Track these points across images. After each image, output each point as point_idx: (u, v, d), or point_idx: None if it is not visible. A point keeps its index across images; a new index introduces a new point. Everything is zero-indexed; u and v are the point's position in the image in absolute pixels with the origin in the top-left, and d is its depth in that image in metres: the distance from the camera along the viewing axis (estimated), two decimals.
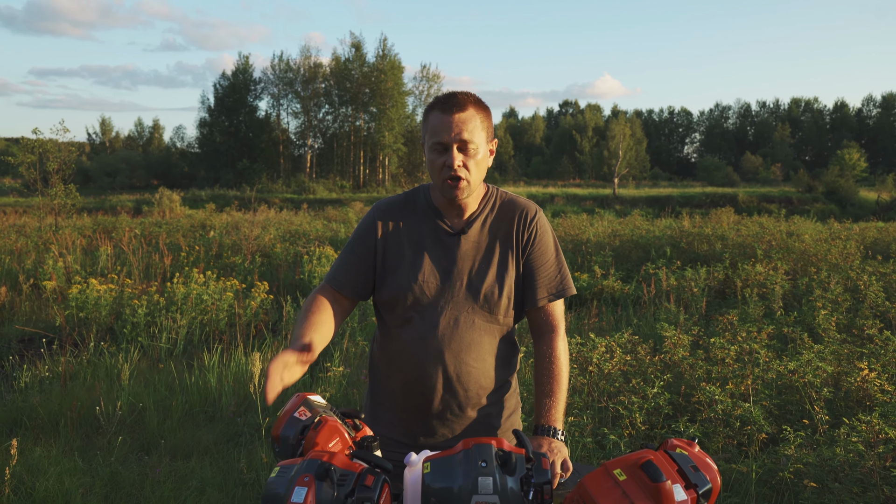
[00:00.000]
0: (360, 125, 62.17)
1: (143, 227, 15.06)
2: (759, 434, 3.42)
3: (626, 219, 17.85)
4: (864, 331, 5.32)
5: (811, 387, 3.88)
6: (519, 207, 1.91)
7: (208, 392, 4.89)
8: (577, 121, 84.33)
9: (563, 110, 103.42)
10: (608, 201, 41.70)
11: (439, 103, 1.76)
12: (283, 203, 36.14)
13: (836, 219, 20.94)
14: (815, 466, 2.94)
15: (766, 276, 7.87)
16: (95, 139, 79.12)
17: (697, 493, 1.29)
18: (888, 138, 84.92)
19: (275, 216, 19.79)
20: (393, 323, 1.88)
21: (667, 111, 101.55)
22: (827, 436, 3.43)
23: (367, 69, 60.77)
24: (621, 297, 8.15)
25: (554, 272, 1.90)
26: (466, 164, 1.76)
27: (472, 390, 1.83)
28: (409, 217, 1.90)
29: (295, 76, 62.44)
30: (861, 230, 13.64)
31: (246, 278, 9.16)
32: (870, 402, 3.93)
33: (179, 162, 66.18)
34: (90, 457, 3.92)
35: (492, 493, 1.35)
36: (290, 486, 1.31)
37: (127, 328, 6.44)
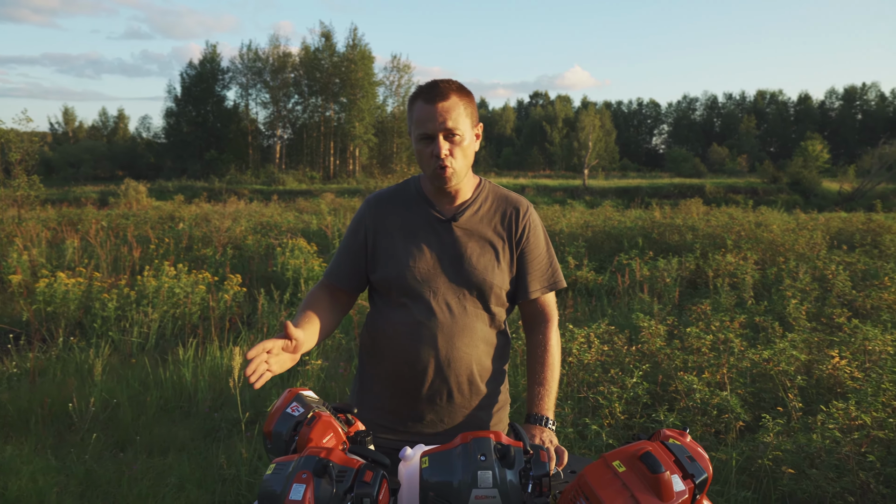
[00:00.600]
0: (331, 116, 61.68)
1: (109, 219, 14.76)
2: (737, 422, 3.48)
3: (597, 210, 17.98)
4: (834, 319, 5.43)
5: (785, 375, 3.96)
6: (511, 202, 1.95)
7: (183, 387, 4.82)
8: (547, 112, 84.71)
9: (534, 101, 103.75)
10: (578, 192, 41.96)
11: (422, 93, 1.78)
12: (253, 194, 35.71)
13: (801, 209, 21.36)
14: (792, 453, 3.00)
15: (736, 266, 8.00)
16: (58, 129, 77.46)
17: (694, 482, 1.31)
18: (849, 130, 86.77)
19: (245, 208, 19.56)
20: (385, 308, 1.90)
21: (635, 103, 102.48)
22: (801, 423, 3.50)
23: (337, 59, 60.26)
24: (595, 288, 8.22)
25: (546, 265, 1.95)
26: (453, 152, 1.78)
27: (462, 375, 1.85)
28: (401, 207, 1.92)
29: (264, 66, 61.68)
30: (826, 220, 13.93)
31: (217, 271, 9.04)
32: (840, 389, 4.02)
33: (145, 152, 65.06)
34: (63, 455, 3.85)
35: (491, 486, 1.34)
36: (287, 484, 1.29)
37: (97, 323, 6.32)
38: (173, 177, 52.47)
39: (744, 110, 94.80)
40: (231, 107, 63.35)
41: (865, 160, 45.57)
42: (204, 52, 63.39)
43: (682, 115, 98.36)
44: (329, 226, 13.20)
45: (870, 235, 11.25)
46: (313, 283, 7.94)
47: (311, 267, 8.53)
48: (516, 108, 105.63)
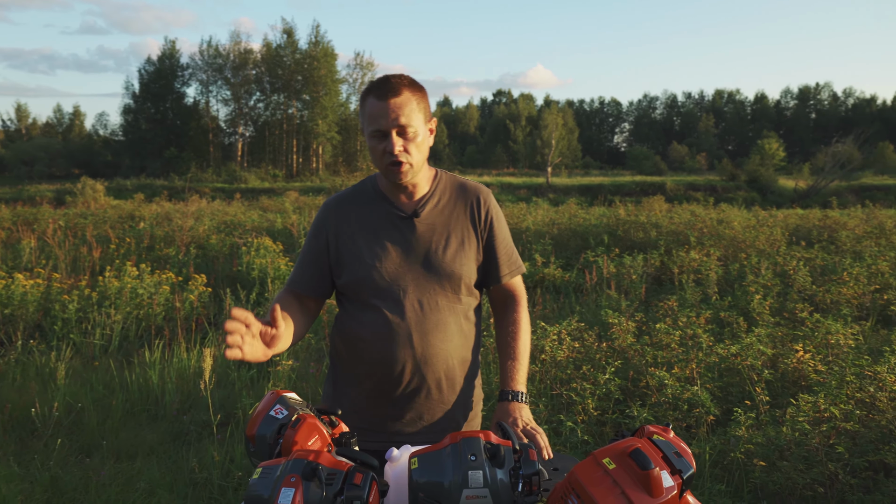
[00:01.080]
0: (293, 113, 61.05)
1: (67, 219, 14.38)
2: (707, 416, 3.54)
3: (562, 207, 18.13)
4: (796, 314, 5.56)
5: (752, 369, 4.04)
6: (471, 190, 1.95)
7: (150, 390, 4.73)
8: (510, 110, 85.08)
9: (497, 100, 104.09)
10: (542, 190, 42.25)
11: (374, 89, 1.77)
12: (215, 193, 35.18)
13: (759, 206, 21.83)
14: (762, 446, 3.06)
15: (700, 262, 8.13)
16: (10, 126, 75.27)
17: (682, 477, 1.32)
18: (804, 129, 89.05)
19: (207, 206, 19.25)
20: (356, 310, 1.88)
21: (597, 101, 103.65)
22: (769, 416, 3.57)
23: (299, 56, 59.67)
24: (563, 285, 8.28)
25: (510, 250, 1.99)
26: (407, 148, 1.77)
27: (440, 372, 1.85)
28: (360, 207, 1.91)
29: (224, 62, 60.73)
30: (784, 217, 14.25)
31: (181, 271, 8.88)
32: (805, 382, 4.12)
33: (102, 150, 63.58)
34: (27, 461, 3.74)
35: (482, 486, 1.34)
36: (275, 488, 1.27)
37: (57, 325, 6.16)
38: (132, 175, 51.36)
39: (702, 109, 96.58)
40: (191, 104, 62.28)
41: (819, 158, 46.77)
42: (162, 47, 62.25)
43: (643, 113, 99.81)
44: (295, 224, 13.07)
45: (826, 231, 11.54)
46: (280, 282, 7.85)
47: (278, 266, 8.44)
48: (480, 107, 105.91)
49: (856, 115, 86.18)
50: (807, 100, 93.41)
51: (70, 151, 62.27)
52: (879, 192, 36.55)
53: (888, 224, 11.84)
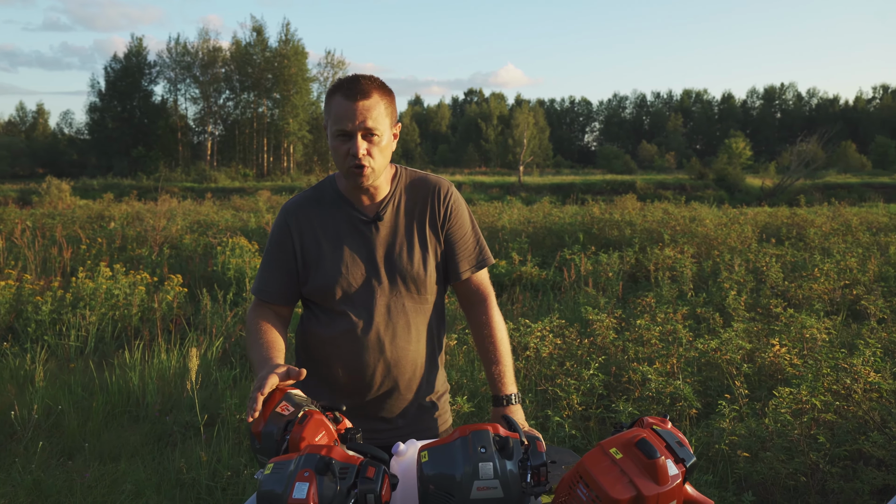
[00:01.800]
0: (264, 112, 60.50)
1: (34, 219, 14.10)
2: (690, 410, 3.61)
3: (535, 206, 18.24)
4: (771, 309, 5.68)
5: (731, 363, 4.12)
6: (432, 184, 1.92)
7: (130, 391, 4.67)
8: (481, 109, 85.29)
9: (468, 99, 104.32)
10: (514, 189, 42.42)
11: (342, 88, 1.73)
12: (184, 192, 34.72)
13: (729, 204, 22.19)
14: (745, 438, 3.14)
15: (675, 259, 8.26)
16: None
17: (685, 466, 1.37)
18: (770, 128, 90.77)
19: (179, 206, 19.01)
20: (323, 314, 1.87)
21: (568, 101, 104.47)
22: (749, 408, 3.66)
23: (269, 54, 59.15)
24: (540, 283, 8.35)
25: (473, 244, 1.95)
26: (371, 152, 1.74)
27: (409, 371, 1.86)
28: (321, 211, 1.88)
29: (193, 60, 59.95)
30: (754, 215, 14.52)
31: (155, 271, 8.78)
32: (781, 376, 4.22)
33: (68, 149, 62.39)
34: (8, 465, 3.68)
35: (493, 477, 1.37)
36: (289, 483, 1.28)
37: (31, 327, 6.05)
38: (98, 175, 50.47)
39: (671, 109, 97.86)
40: (159, 102, 61.38)
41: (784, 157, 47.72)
42: (129, 45, 61.39)
43: (613, 113, 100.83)
44: (269, 223, 12.98)
45: (794, 229, 11.79)
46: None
47: (255, 266, 8.38)
48: (451, 106, 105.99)
49: (819, 115, 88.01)
50: (772, 100, 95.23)
51: (34, 150, 61.04)
52: (843, 191, 37.37)
53: (854, 221, 12.14)
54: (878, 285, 6.97)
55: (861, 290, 6.72)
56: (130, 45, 60.50)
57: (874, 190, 38.48)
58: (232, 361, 5.38)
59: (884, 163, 63.21)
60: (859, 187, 39.93)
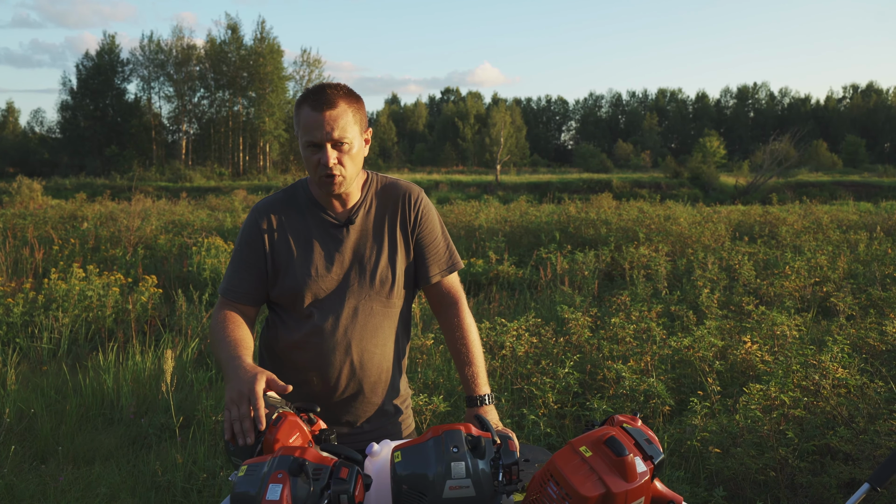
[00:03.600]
0: (239, 110, 59.99)
1: (5, 220, 13.87)
2: (664, 407, 3.66)
3: (512, 205, 18.31)
4: (743, 307, 5.77)
5: (704, 360, 4.19)
6: (402, 190, 1.95)
7: (104, 394, 4.63)
8: (458, 108, 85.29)
9: (445, 97, 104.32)
10: (491, 188, 42.53)
11: (309, 99, 1.75)
12: (159, 191, 34.30)
13: (703, 202, 22.46)
14: (717, 434, 3.19)
15: (649, 258, 8.35)
16: None
17: (654, 463, 1.40)
18: (743, 127, 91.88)
19: (153, 206, 18.79)
20: (291, 318, 1.88)
21: (544, 100, 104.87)
22: (721, 405, 3.72)
23: (244, 52, 58.64)
24: (517, 282, 8.40)
25: (443, 249, 1.98)
26: (341, 160, 1.77)
27: (374, 375, 1.89)
28: (292, 214, 1.89)
29: (167, 58, 59.23)
30: (727, 213, 14.71)
31: (129, 272, 8.68)
32: (753, 373, 4.29)
33: (39, 148, 61.21)
34: None
35: (465, 476, 1.39)
36: (262, 484, 1.29)
37: (2, 329, 5.96)
38: (70, 174, 49.71)
39: (646, 108, 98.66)
40: (132, 100, 60.55)
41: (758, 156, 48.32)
42: (101, 42, 60.42)
43: (589, 112, 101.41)
44: None
45: (767, 227, 11.97)
46: None
47: None
48: (428, 104, 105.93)
49: (791, 115, 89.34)
50: (745, 99, 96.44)
51: (4, 149, 59.79)
52: (814, 189, 37.99)
53: (825, 219, 12.36)
54: (847, 282, 7.10)
55: (831, 288, 6.85)
56: (103, 43, 59.63)
57: (845, 188, 39.19)
58: (207, 363, 5.35)
59: (854, 161, 64.43)
60: (830, 185, 40.63)
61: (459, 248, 10.50)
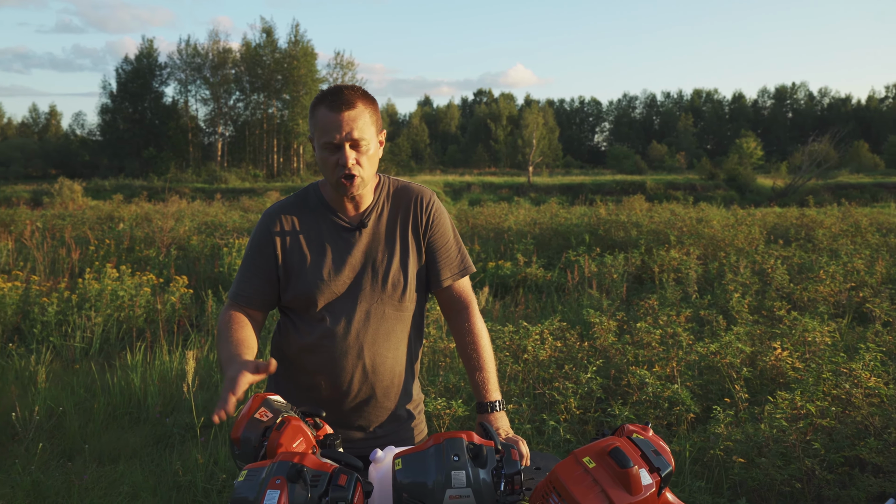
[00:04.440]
0: (273, 113, 60.68)
1: (45, 220, 14.22)
2: (688, 414, 3.59)
3: (543, 207, 18.21)
4: (774, 312, 5.64)
5: (731, 367, 4.10)
6: (414, 193, 1.94)
7: (132, 392, 4.70)
8: (491, 109, 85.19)
9: (478, 99, 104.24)
10: (523, 189, 42.39)
11: (326, 99, 1.74)
12: (195, 193, 34.89)
13: (738, 205, 22.06)
14: (741, 443, 3.11)
15: (680, 261, 8.22)
16: None
17: (660, 475, 1.36)
18: (781, 128, 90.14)
19: (187, 207, 19.10)
20: (303, 322, 1.87)
21: (577, 101, 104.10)
22: (748, 413, 3.63)
23: (279, 55, 59.31)
24: (545, 285, 8.33)
25: (455, 252, 1.97)
26: (359, 161, 1.76)
27: (387, 380, 1.87)
28: (304, 218, 1.88)
29: (203, 61, 60.20)
30: (762, 216, 14.42)
31: (162, 272, 8.82)
32: (783, 380, 4.18)
33: (80, 150, 62.70)
34: (8, 466, 3.70)
35: (465, 486, 1.37)
36: (261, 490, 1.29)
37: (37, 328, 6.10)
38: (110, 175, 50.73)
39: (681, 108, 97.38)
40: (170, 103, 61.64)
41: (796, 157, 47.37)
42: (140, 46, 61.64)
43: (623, 113, 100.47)
44: None
45: (803, 230, 11.70)
46: None
47: None
48: (461, 106, 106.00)
49: (831, 115, 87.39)
50: (783, 99, 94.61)
51: (46, 151, 61.42)
52: (855, 191, 37.09)
53: (863, 222, 12.02)
54: (885, 287, 6.90)
55: (868, 293, 6.66)
56: (141, 47, 60.85)
57: (887, 190, 38.16)
58: None
59: None
60: (872, 187, 39.59)
61: (488, 250, 10.46)
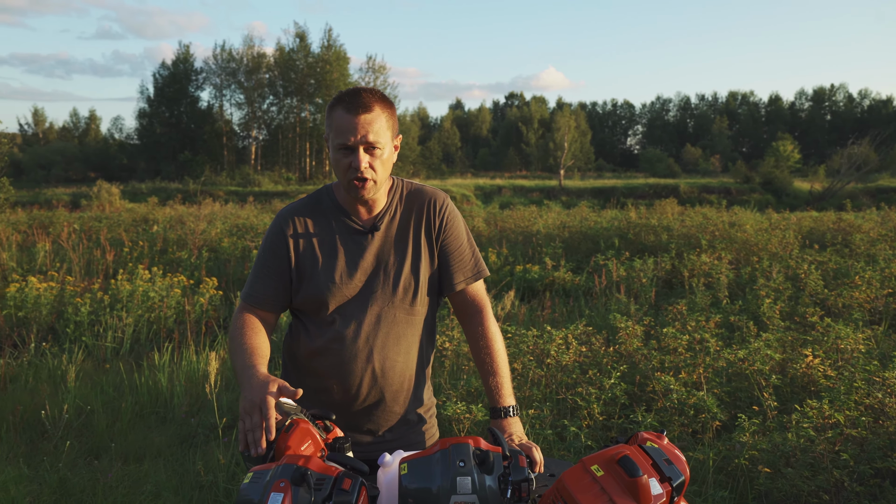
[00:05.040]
0: (306, 117, 61.25)
1: (81, 222, 14.54)
2: (713, 422, 3.52)
3: (573, 210, 18.08)
4: (807, 318, 5.51)
5: (760, 374, 4.01)
6: (427, 196, 1.92)
7: (159, 392, 4.77)
8: (522, 113, 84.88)
9: (509, 102, 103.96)
10: (555, 193, 42.20)
11: (344, 101, 1.74)
12: (228, 196, 35.38)
13: (773, 209, 21.66)
14: (768, 452, 3.04)
15: (711, 265, 8.08)
16: (28, 130, 76.00)
17: (672, 485, 1.32)
18: (819, 131, 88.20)
19: (220, 209, 19.37)
20: (313, 324, 1.86)
21: (610, 104, 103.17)
22: (776, 421, 3.54)
23: (311, 60, 59.85)
24: (572, 289, 8.26)
25: (468, 256, 1.95)
26: (373, 165, 1.75)
27: (396, 384, 1.86)
28: (317, 220, 1.88)
29: (238, 66, 61.01)
30: (798, 220, 14.13)
31: (193, 274, 8.95)
32: (814, 388, 4.08)
33: (118, 154, 63.93)
34: (36, 463, 3.78)
35: (470, 492, 1.35)
36: (265, 493, 1.28)
37: (70, 328, 6.22)
38: (147, 178, 51.70)
39: (716, 111, 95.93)
40: (205, 108, 62.56)
41: (835, 160, 46.37)
42: (177, 52, 62.52)
43: (656, 115, 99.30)
44: None
45: (840, 234, 11.42)
46: None
47: None
48: (492, 109, 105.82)
49: (871, 117, 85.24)
50: (822, 101, 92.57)
51: (86, 155, 62.71)
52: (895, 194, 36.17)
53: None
54: None
55: None
56: (178, 53, 61.82)
57: None
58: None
59: None
60: None
61: (515, 254, 10.41)
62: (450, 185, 44.19)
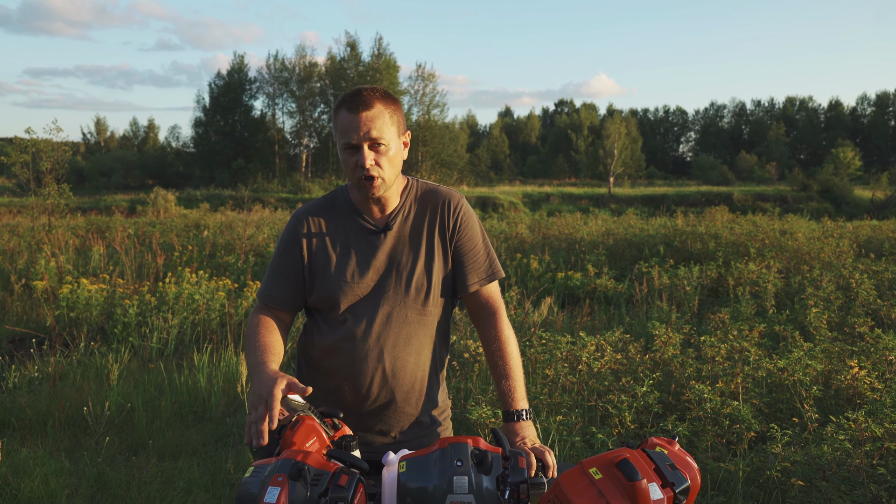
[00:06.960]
0: None
1: (136, 227, 15.01)
2: (748, 432, 3.41)
3: (620, 218, 17.85)
4: (855, 329, 5.32)
5: (801, 385, 3.88)
6: (442, 196, 1.91)
7: (198, 392, 4.87)
8: (572, 120, 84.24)
9: (559, 109, 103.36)
10: (604, 200, 41.72)
11: (345, 102, 1.74)
12: (279, 202, 36.09)
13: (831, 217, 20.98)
14: (802, 465, 2.93)
15: (758, 274, 7.87)
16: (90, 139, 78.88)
17: (674, 491, 1.29)
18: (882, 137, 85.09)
19: (269, 215, 19.76)
20: (325, 323, 1.87)
21: (662, 110, 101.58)
22: (816, 434, 3.42)
23: (362, 68, 60.59)
24: (614, 296, 8.15)
25: (483, 257, 1.93)
26: (379, 162, 1.75)
27: (407, 384, 1.85)
28: (331, 219, 1.89)
29: (290, 75, 62.21)
30: (854, 228, 13.66)
31: (239, 278, 9.14)
32: (860, 401, 3.93)
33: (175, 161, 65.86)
34: (77, 457, 3.90)
35: (467, 492, 1.34)
36: (263, 486, 1.30)
37: (118, 328, 6.41)
38: (201, 185, 53.06)
39: (773, 117, 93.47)
40: (258, 116, 63.91)
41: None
42: (232, 62, 64.14)
43: (710, 122, 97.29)
44: None
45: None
46: None
47: None
48: (541, 117, 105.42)
49: None
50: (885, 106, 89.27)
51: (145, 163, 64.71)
52: None
53: None
54: None
55: None
56: (233, 63, 63.37)
57: None
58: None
59: None
60: None
61: (558, 261, 10.33)
62: (497, 193, 44.11)
